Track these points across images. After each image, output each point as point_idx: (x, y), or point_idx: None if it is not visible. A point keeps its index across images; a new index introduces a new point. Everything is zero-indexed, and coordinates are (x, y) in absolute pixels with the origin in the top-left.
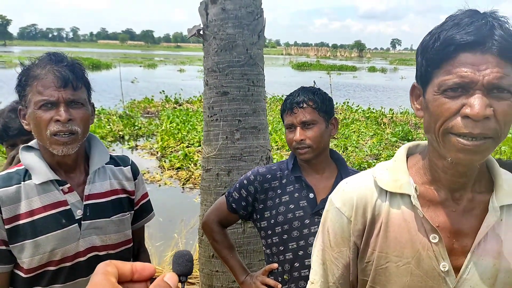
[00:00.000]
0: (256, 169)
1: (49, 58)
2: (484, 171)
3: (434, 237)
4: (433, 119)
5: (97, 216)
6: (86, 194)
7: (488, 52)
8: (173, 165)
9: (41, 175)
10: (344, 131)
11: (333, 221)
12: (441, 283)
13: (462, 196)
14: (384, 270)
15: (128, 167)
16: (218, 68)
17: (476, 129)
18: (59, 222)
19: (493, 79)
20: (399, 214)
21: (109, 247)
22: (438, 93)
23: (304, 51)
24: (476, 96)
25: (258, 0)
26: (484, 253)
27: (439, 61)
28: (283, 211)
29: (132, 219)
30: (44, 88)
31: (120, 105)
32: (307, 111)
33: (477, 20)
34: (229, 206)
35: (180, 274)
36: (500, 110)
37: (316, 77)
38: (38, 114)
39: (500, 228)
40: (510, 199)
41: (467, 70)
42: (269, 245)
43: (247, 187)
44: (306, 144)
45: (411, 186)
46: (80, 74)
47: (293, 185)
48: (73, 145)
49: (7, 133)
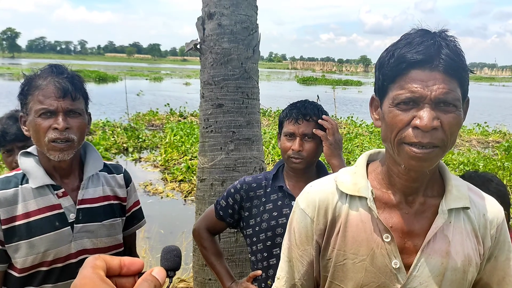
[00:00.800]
0: (243, 178)
1: (51, 70)
2: (436, 177)
3: (387, 236)
4: (388, 129)
5: (89, 220)
6: (79, 199)
7: (435, 69)
8: (175, 177)
9: (38, 180)
10: (347, 146)
11: (298, 221)
12: (393, 279)
13: (414, 200)
14: (342, 267)
15: (121, 175)
16: (213, 81)
17: (425, 138)
18: (52, 225)
19: (439, 94)
20: (357, 215)
21: (100, 250)
22: (392, 106)
23: (310, 66)
24: (425, 109)
25: (254, 16)
26: (433, 252)
27: (393, 76)
28: (266, 218)
29: (123, 225)
30: (44, 97)
31: (125, 118)
32: (311, 125)
33: (426, 40)
34: (217, 214)
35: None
36: (446, 122)
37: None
38: (38, 122)
39: (449, 230)
40: (457, 203)
41: (417, 86)
42: (254, 252)
43: (234, 196)
44: (302, 156)
45: (368, 189)
46: (79, 85)
47: (276, 193)
48: (69, 151)
49: (5, 138)
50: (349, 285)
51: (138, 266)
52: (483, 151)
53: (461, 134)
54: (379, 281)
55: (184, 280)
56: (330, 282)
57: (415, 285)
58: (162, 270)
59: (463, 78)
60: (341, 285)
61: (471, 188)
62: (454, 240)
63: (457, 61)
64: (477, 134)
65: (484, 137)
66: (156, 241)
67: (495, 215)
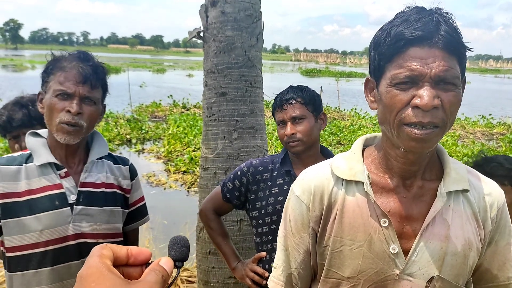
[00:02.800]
0: (250, 161)
1: (78, 55)
2: (435, 160)
3: (384, 221)
4: (387, 111)
5: (89, 204)
6: (81, 181)
7: (435, 46)
8: (179, 168)
9: (42, 157)
10: (350, 138)
11: (294, 208)
12: (391, 264)
13: (412, 184)
14: (339, 253)
15: (127, 167)
16: (217, 70)
17: (426, 118)
18: (52, 203)
19: (439, 72)
20: (354, 201)
21: (99, 236)
22: (390, 86)
23: (314, 58)
24: (425, 88)
25: (257, 3)
26: (432, 236)
27: (390, 55)
28: (272, 202)
29: (126, 220)
30: (65, 79)
31: (128, 109)
32: (296, 106)
33: (424, 17)
34: (224, 196)
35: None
36: (447, 100)
37: (325, 83)
38: (54, 101)
39: (448, 214)
40: (456, 186)
41: (416, 63)
42: (259, 234)
43: (240, 178)
44: (297, 137)
45: (365, 174)
46: (101, 75)
47: (283, 178)
48: (75, 136)
49: (11, 124)
50: (347, 272)
51: (146, 256)
52: (487, 143)
53: (465, 126)
54: (377, 267)
55: (187, 269)
56: (327, 270)
57: (414, 270)
58: (169, 260)
59: (462, 55)
60: (339, 272)
61: (471, 171)
62: (453, 224)
63: (456, 37)
64: (481, 126)
65: (489, 129)
66: (159, 232)
67: (495, 197)
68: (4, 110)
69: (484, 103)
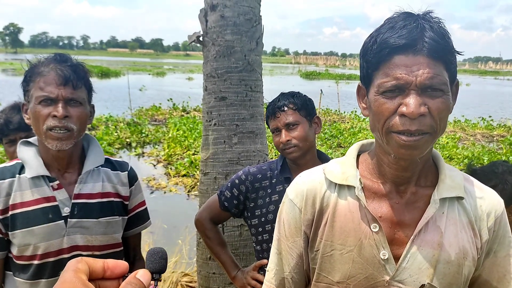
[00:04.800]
0: (247, 169)
1: (54, 58)
2: (430, 167)
3: (375, 226)
4: (376, 119)
5: (84, 216)
6: (75, 193)
7: (419, 53)
8: (178, 172)
9: (33, 170)
10: (351, 140)
11: (287, 212)
12: (381, 270)
13: (406, 190)
14: (329, 258)
15: (125, 172)
16: (216, 74)
17: (413, 126)
18: (46, 216)
19: (424, 80)
20: (345, 205)
21: (94, 248)
22: (378, 94)
23: (313, 60)
24: (411, 96)
25: (257, 7)
26: (423, 243)
27: (376, 63)
28: (273, 209)
29: (126, 226)
30: (45, 84)
31: (128, 113)
32: (289, 113)
33: (409, 23)
34: (221, 205)
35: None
36: (434, 108)
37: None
38: (38, 109)
39: (441, 221)
40: (450, 193)
41: (401, 72)
42: (259, 241)
43: (239, 186)
44: (292, 144)
45: (357, 178)
46: (82, 74)
47: (282, 184)
48: (67, 141)
49: (8, 128)
50: (336, 277)
51: (123, 269)
52: (487, 145)
53: (465, 128)
54: (366, 273)
55: (188, 274)
56: (318, 274)
57: (404, 277)
58: (147, 272)
59: (449, 61)
60: (329, 277)
61: (468, 178)
62: (447, 232)
63: (441, 43)
64: (481, 128)
65: (489, 131)
66: (159, 236)
67: (492, 206)
68: (1, 114)
69: (484, 105)
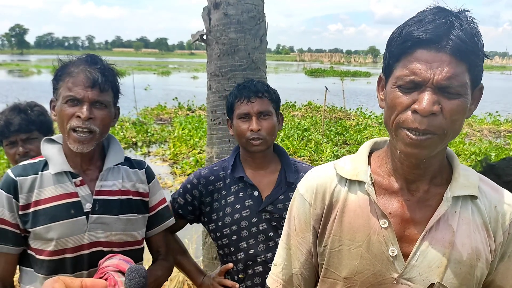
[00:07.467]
0: (199, 171)
1: (85, 59)
2: (445, 166)
3: (384, 222)
4: (389, 112)
5: (105, 212)
6: (96, 189)
7: (442, 50)
8: (184, 171)
9: (57, 166)
10: (356, 137)
11: (298, 207)
12: (390, 267)
13: (418, 188)
14: (337, 253)
15: (143, 170)
16: (220, 73)
17: (423, 124)
18: (68, 212)
19: (441, 79)
20: (355, 201)
21: (114, 244)
22: (394, 86)
23: (318, 57)
24: (426, 92)
25: (260, 5)
26: (434, 241)
27: (398, 55)
28: (229, 212)
29: (149, 224)
30: (73, 85)
31: (133, 112)
32: (265, 101)
33: (438, 18)
34: (176, 212)
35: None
36: (448, 109)
37: (330, 83)
38: (63, 108)
39: (454, 220)
40: (463, 191)
41: (420, 67)
42: (221, 246)
43: (192, 191)
44: (262, 136)
45: (367, 174)
46: (110, 78)
47: (237, 184)
48: (88, 144)
49: (9, 129)
50: (344, 273)
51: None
52: (494, 141)
53: (472, 124)
54: (374, 269)
55: None
56: (326, 269)
57: (413, 275)
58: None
59: (473, 63)
60: (336, 272)
61: (483, 179)
62: (459, 231)
63: (468, 43)
64: (488, 124)
65: (496, 126)
66: None
67: (508, 208)
68: (1, 115)
69: (490, 100)
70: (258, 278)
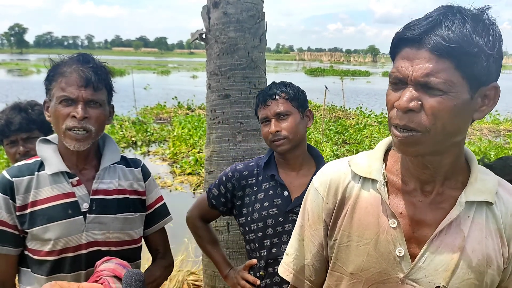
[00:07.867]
0: (234, 166)
1: (77, 58)
2: (462, 168)
3: (393, 222)
4: (387, 109)
5: (102, 212)
6: (93, 189)
7: (423, 47)
8: (184, 170)
9: (53, 166)
10: (356, 136)
11: (312, 200)
12: (396, 267)
13: (432, 189)
14: (345, 248)
15: (138, 168)
16: (220, 72)
17: (402, 120)
18: (65, 212)
19: (419, 76)
20: (367, 198)
21: (111, 243)
22: (389, 84)
23: (318, 57)
24: (407, 89)
25: (260, 4)
26: (443, 245)
27: (392, 53)
28: (258, 208)
29: (146, 223)
30: (67, 85)
31: (133, 112)
32: (280, 102)
33: (431, 16)
34: (210, 203)
35: None
36: (428, 106)
37: (329, 82)
38: (58, 109)
39: (466, 224)
40: (478, 197)
41: (403, 64)
42: (248, 241)
43: (226, 184)
44: (282, 135)
45: (381, 172)
46: (103, 76)
47: (268, 182)
48: (85, 142)
49: (9, 129)
50: (350, 268)
51: None
52: (494, 140)
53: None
54: (380, 267)
55: (194, 273)
56: (334, 263)
57: (419, 276)
58: None
59: (465, 60)
60: (343, 267)
61: (503, 184)
62: (471, 236)
63: (454, 41)
64: (488, 123)
65: (495, 125)
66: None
67: None
68: (1, 114)
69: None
70: (277, 277)
